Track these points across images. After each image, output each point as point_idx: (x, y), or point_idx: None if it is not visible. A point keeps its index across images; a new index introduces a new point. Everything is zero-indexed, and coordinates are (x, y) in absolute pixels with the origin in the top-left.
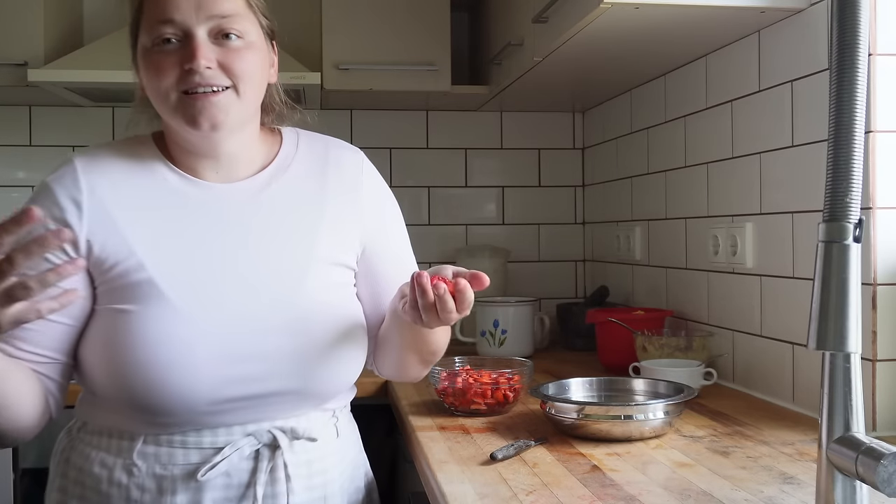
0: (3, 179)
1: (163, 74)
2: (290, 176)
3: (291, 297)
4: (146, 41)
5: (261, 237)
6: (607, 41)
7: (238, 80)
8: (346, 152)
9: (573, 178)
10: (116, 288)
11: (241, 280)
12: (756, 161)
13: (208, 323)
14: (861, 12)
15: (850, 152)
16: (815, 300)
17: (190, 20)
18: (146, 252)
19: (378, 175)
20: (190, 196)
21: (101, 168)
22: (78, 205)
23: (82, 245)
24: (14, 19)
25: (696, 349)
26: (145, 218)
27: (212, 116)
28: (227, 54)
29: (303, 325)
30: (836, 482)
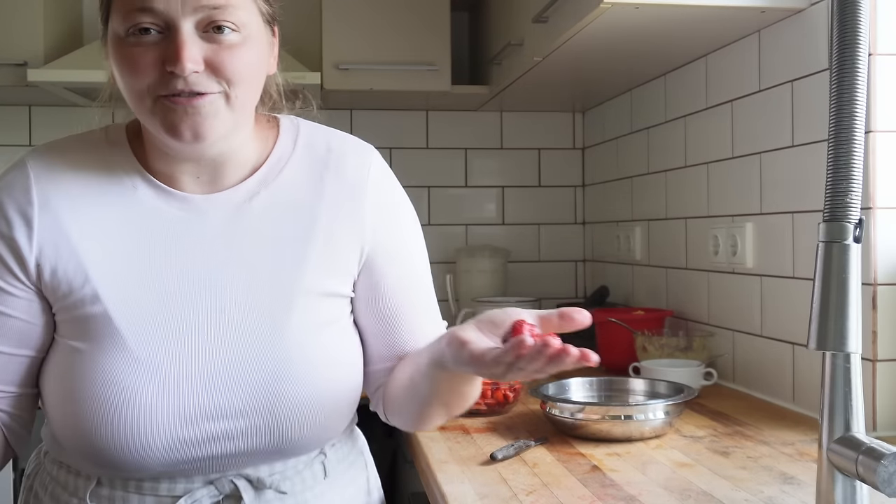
0: None
1: (138, 73)
2: (281, 182)
3: (270, 342)
4: (118, 27)
5: (240, 265)
6: (607, 41)
7: (230, 83)
8: (350, 151)
9: (573, 178)
10: (70, 320)
11: (212, 321)
12: (756, 161)
13: (169, 374)
14: (861, 12)
15: (850, 152)
16: (816, 300)
17: (174, 11)
18: (103, 280)
19: (391, 180)
20: (162, 213)
21: (59, 174)
22: (27, 220)
23: (31, 268)
24: (14, 19)
25: (696, 349)
26: (106, 238)
27: (195, 125)
28: (218, 53)
29: (281, 376)
30: (837, 482)
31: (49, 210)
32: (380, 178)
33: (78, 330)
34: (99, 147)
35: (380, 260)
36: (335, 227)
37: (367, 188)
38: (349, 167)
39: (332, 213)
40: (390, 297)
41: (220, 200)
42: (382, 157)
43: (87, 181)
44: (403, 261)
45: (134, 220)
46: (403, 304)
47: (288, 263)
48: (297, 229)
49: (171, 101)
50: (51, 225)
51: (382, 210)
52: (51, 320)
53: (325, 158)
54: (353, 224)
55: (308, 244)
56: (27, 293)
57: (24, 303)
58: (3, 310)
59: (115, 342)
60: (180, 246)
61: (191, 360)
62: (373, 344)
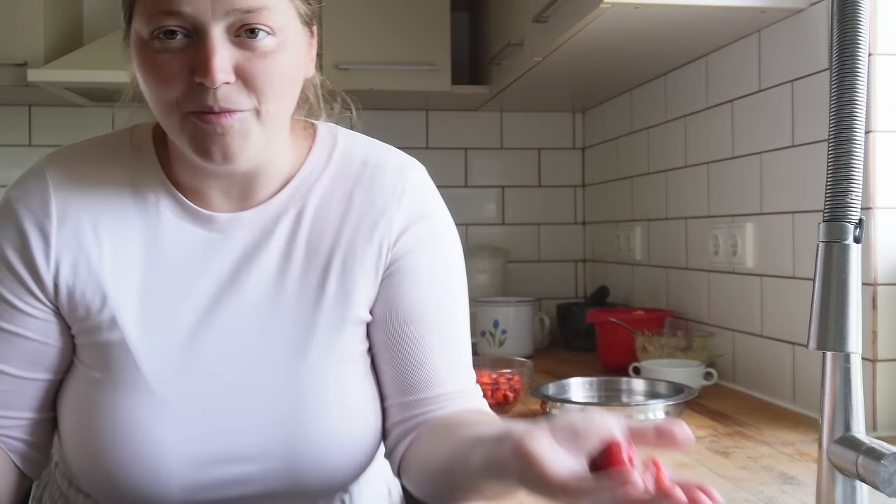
0: (2, 179)
1: (165, 84)
2: (311, 200)
3: (288, 380)
4: (142, 30)
5: (263, 294)
6: (607, 41)
7: (262, 97)
8: (388, 165)
9: (573, 178)
10: (88, 345)
11: (232, 357)
12: (756, 161)
13: (187, 414)
14: (861, 12)
15: (850, 152)
16: (816, 300)
17: (203, 14)
18: (122, 306)
19: (430, 200)
20: (185, 234)
21: (80, 185)
22: (45, 236)
23: (48, 286)
24: (14, 19)
25: (697, 349)
26: (126, 259)
27: (225, 146)
28: (251, 60)
29: (300, 416)
30: (837, 482)
31: (68, 225)
32: (416, 195)
33: (96, 357)
34: (123, 154)
35: (398, 278)
36: (355, 247)
37: (399, 205)
38: (384, 184)
39: (354, 234)
40: (403, 321)
41: (246, 220)
42: (427, 175)
43: (109, 194)
44: (425, 285)
45: (156, 241)
46: (419, 334)
47: (310, 292)
48: (320, 253)
49: (201, 119)
50: (69, 242)
51: (413, 228)
52: (69, 342)
53: (359, 173)
54: (375, 245)
55: (328, 267)
56: (45, 313)
57: (42, 323)
58: (19, 331)
59: (133, 376)
60: (202, 272)
61: (210, 398)
62: (385, 372)
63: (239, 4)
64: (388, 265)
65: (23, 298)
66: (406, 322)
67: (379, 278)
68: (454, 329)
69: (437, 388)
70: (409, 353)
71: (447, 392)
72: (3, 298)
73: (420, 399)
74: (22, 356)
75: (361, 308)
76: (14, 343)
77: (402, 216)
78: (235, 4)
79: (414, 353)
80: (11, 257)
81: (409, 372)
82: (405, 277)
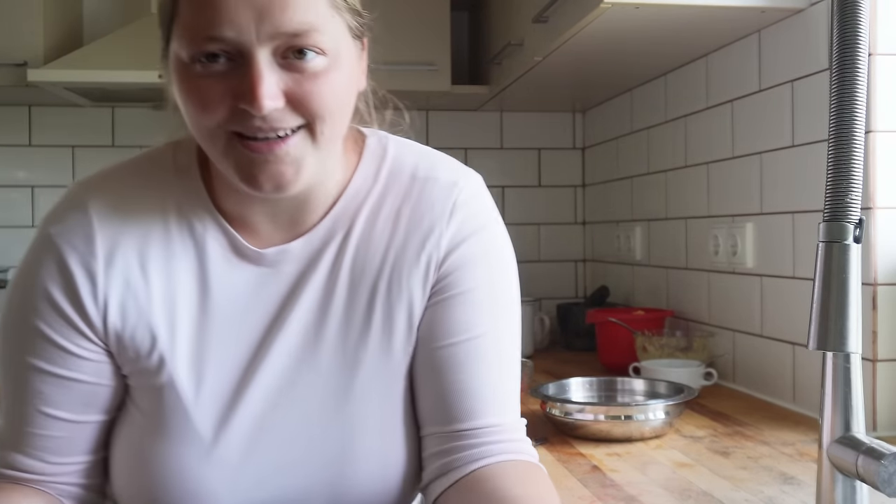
0: (2, 179)
1: (208, 109)
2: (358, 222)
3: (333, 419)
4: (182, 52)
5: (307, 328)
6: (607, 41)
7: (315, 117)
8: (439, 178)
9: (573, 178)
10: (138, 387)
11: (279, 399)
12: (756, 161)
13: (236, 462)
14: (861, 12)
15: (850, 152)
16: (816, 300)
17: (247, 39)
18: (171, 348)
19: (481, 218)
20: (233, 270)
21: (125, 220)
22: (92, 276)
23: (98, 327)
24: (14, 19)
25: (697, 349)
26: (173, 298)
27: (276, 175)
28: (300, 83)
29: (345, 456)
30: (837, 482)
31: (115, 265)
32: (468, 211)
33: (147, 399)
34: (166, 178)
35: (443, 296)
36: (403, 274)
37: (449, 223)
38: (434, 199)
39: (401, 256)
40: (445, 343)
41: (293, 254)
42: (482, 188)
43: (155, 227)
44: (472, 306)
45: (203, 279)
46: (462, 358)
47: (354, 326)
48: (365, 281)
49: (248, 146)
50: (117, 282)
51: (463, 245)
52: (122, 381)
53: (408, 188)
54: (426, 265)
55: (374, 298)
56: (97, 354)
57: (94, 365)
58: (73, 375)
59: (182, 423)
60: (250, 311)
61: (257, 444)
62: (424, 397)
63: (285, 27)
64: (435, 284)
65: (74, 341)
66: (448, 344)
67: (425, 302)
68: (500, 355)
69: (479, 418)
70: (451, 378)
71: (490, 425)
72: (55, 343)
73: (461, 431)
74: (77, 399)
75: (407, 339)
76: (69, 388)
77: (452, 233)
78: (281, 28)
79: (456, 379)
80: (59, 298)
81: (451, 399)
82: (451, 295)
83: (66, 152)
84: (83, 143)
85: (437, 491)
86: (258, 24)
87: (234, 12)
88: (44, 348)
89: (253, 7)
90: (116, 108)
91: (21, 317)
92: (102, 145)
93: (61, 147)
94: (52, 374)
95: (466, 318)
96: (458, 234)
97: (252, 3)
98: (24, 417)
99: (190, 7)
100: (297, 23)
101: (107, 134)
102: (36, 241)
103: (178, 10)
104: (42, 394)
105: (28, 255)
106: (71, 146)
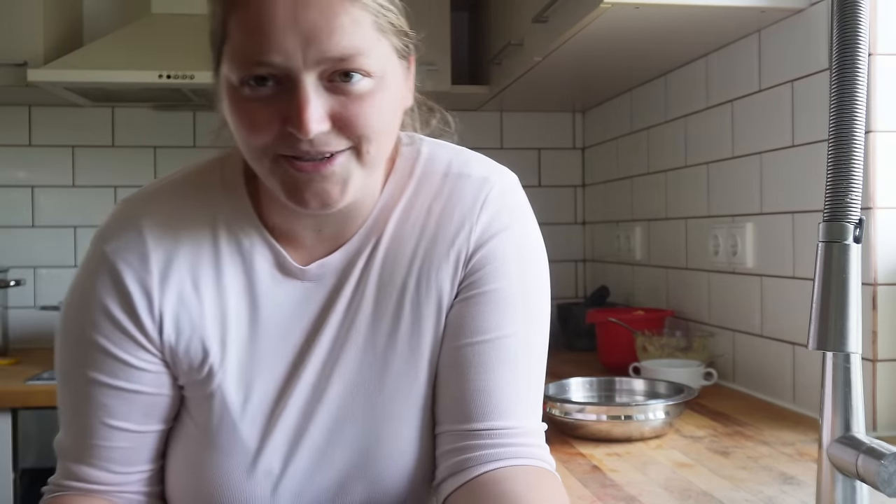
0: (2, 179)
1: (256, 131)
2: (389, 225)
3: (364, 427)
4: (232, 76)
5: (338, 336)
6: (607, 41)
7: (361, 139)
8: (469, 176)
9: (573, 178)
10: (192, 399)
11: (314, 407)
12: (756, 161)
13: (278, 471)
14: (861, 12)
15: (850, 152)
16: (816, 300)
17: (294, 64)
18: (221, 362)
19: (513, 214)
20: (280, 285)
21: (177, 238)
22: (147, 293)
23: (156, 340)
24: (14, 19)
25: (697, 349)
26: (225, 314)
27: (323, 193)
28: (347, 106)
29: (374, 463)
30: (837, 482)
31: (169, 281)
32: (499, 205)
33: (199, 412)
34: (213, 195)
35: (469, 293)
36: (433, 272)
37: (479, 217)
38: (465, 194)
39: (430, 253)
40: (468, 340)
41: (332, 266)
42: (517, 184)
43: (205, 243)
44: (497, 304)
45: (252, 295)
46: (484, 357)
47: (383, 331)
48: (394, 284)
49: (295, 166)
50: (171, 298)
51: (492, 241)
52: (178, 391)
53: (440, 185)
54: (455, 261)
55: (402, 302)
56: (156, 365)
57: (154, 376)
58: (136, 387)
59: (231, 436)
60: (293, 326)
61: (294, 454)
62: (443, 395)
63: (332, 53)
64: (463, 280)
65: (135, 354)
66: (472, 342)
67: (453, 299)
68: (524, 357)
69: (496, 419)
70: (472, 377)
71: (507, 427)
72: (116, 357)
73: (477, 430)
74: (139, 411)
75: (434, 336)
76: (132, 400)
77: (482, 229)
78: (328, 53)
79: (476, 378)
80: (117, 314)
81: (469, 398)
82: (478, 293)
83: (66, 152)
84: (83, 143)
85: (448, 490)
86: (305, 49)
87: (281, 38)
88: (105, 362)
89: (300, 33)
90: (116, 108)
91: (80, 332)
92: (102, 145)
93: (61, 147)
94: (115, 387)
95: (493, 317)
96: (488, 230)
97: (299, 30)
98: (89, 430)
99: (239, 32)
100: (342, 48)
101: (107, 134)
102: (90, 259)
103: (229, 35)
104: (105, 406)
105: (82, 272)
106: (71, 146)
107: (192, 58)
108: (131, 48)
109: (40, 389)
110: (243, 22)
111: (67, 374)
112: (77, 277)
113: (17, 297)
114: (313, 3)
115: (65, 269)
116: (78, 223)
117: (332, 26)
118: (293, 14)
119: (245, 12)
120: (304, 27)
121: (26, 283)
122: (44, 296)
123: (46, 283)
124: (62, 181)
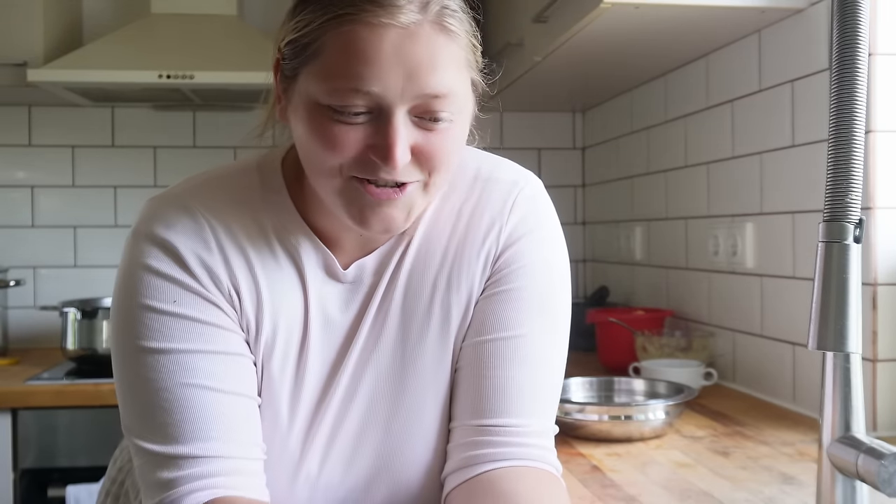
0: (2, 179)
1: (335, 150)
2: (422, 226)
3: (392, 419)
4: (320, 96)
5: (371, 336)
6: (607, 41)
7: (434, 171)
8: (500, 179)
9: (573, 178)
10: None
11: (349, 405)
12: (756, 161)
13: (316, 470)
14: (861, 12)
15: (850, 152)
16: (816, 300)
17: (392, 96)
18: (270, 355)
19: (539, 217)
20: (324, 286)
21: (228, 227)
22: (210, 270)
23: (229, 303)
24: (14, 19)
25: (697, 349)
26: (272, 310)
27: (387, 219)
28: (429, 139)
29: (397, 459)
30: (837, 482)
31: (231, 264)
32: (527, 208)
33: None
34: (254, 198)
35: (492, 291)
36: (463, 272)
37: (509, 219)
38: (494, 197)
39: (461, 254)
40: (487, 338)
41: (368, 268)
42: (543, 189)
43: (257, 241)
44: (517, 304)
45: (298, 292)
46: (500, 355)
47: (414, 329)
48: (426, 281)
49: (368, 190)
50: (230, 279)
51: (518, 243)
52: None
53: (470, 189)
54: (485, 261)
55: (432, 302)
56: (237, 326)
57: (238, 337)
58: (226, 349)
59: (280, 444)
60: (334, 330)
61: (328, 456)
62: (460, 391)
63: (429, 90)
64: (489, 278)
65: (215, 315)
66: (491, 339)
67: (478, 296)
68: (540, 358)
69: (506, 416)
70: (487, 373)
71: (516, 425)
72: (199, 320)
73: (486, 426)
74: (237, 373)
75: (460, 332)
76: (227, 362)
77: (510, 229)
78: (426, 90)
79: (491, 374)
80: (194, 286)
81: (482, 393)
82: (501, 291)
83: (66, 152)
84: (83, 143)
85: (453, 484)
86: (406, 83)
87: (385, 69)
88: (191, 329)
89: (404, 66)
90: (116, 108)
91: (154, 312)
92: (102, 145)
93: (61, 147)
94: (210, 351)
95: (514, 315)
96: (516, 231)
97: (404, 63)
98: (199, 404)
99: (339, 52)
100: (440, 86)
101: (107, 134)
102: (138, 242)
103: (324, 50)
104: (204, 371)
105: (131, 255)
106: (71, 146)
107: (192, 58)
108: (131, 48)
109: (40, 389)
110: (347, 44)
111: (158, 361)
112: (124, 262)
113: (17, 297)
114: (420, 37)
115: (65, 269)
116: (78, 223)
117: (435, 63)
118: (399, 46)
119: (350, 34)
120: (409, 61)
121: (26, 283)
122: (44, 296)
123: (46, 283)
124: (62, 181)
